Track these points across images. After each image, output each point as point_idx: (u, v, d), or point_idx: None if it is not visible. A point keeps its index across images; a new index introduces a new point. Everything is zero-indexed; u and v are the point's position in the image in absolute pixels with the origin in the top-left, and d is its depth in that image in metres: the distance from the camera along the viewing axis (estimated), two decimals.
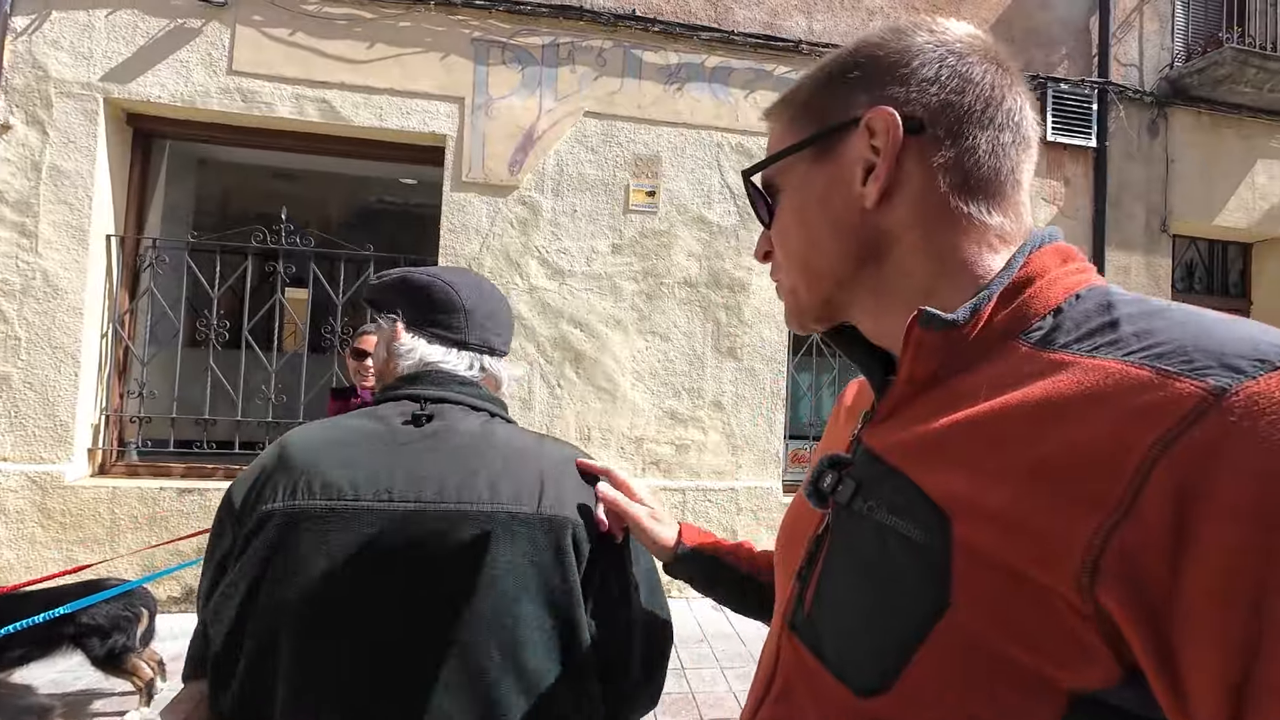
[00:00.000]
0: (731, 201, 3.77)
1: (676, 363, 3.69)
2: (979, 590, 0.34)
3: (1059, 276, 0.40)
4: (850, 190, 0.44)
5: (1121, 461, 0.30)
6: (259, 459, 0.70)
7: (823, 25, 3.91)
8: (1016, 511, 0.33)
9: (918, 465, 0.40)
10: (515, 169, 3.54)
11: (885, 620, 0.38)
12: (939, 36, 0.44)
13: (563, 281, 3.58)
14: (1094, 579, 0.29)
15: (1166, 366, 0.31)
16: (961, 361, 0.41)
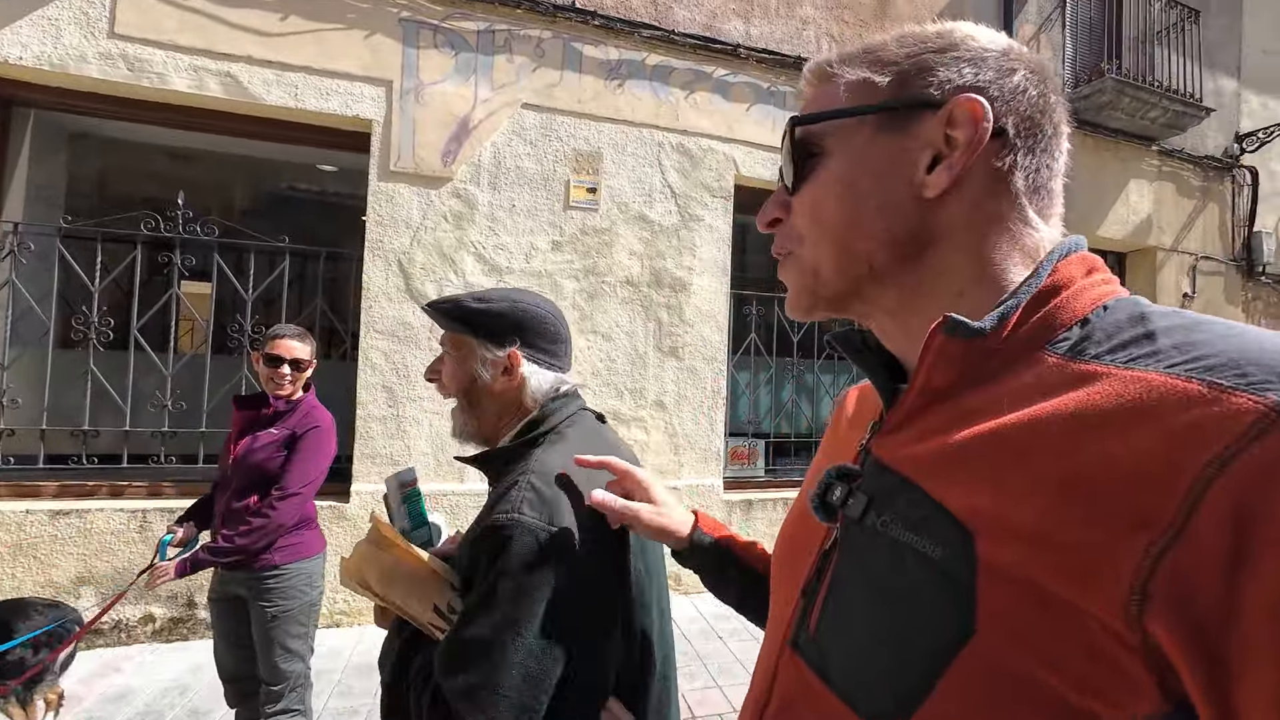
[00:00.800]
0: (673, 201, 3.77)
1: (619, 362, 3.65)
2: (1007, 613, 0.32)
3: (1086, 287, 0.39)
4: (913, 174, 0.41)
5: (1172, 480, 0.28)
6: (533, 490, 0.73)
7: (759, 31, 4.00)
8: (1047, 527, 0.31)
9: (935, 479, 0.38)
10: (449, 160, 3.36)
11: (903, 645, 0.36)
12: (1024, 52, 0.44)
13: (500, 278, 3.44)
14: (1143, 606, 0.28)
15: (1219, 380, 0.30)
16: (982, 372, 0.39)
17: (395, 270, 3.28)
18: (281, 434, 1.82)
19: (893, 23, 4.40)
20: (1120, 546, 0.29)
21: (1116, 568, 0.29)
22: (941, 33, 0.43)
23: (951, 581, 0.34)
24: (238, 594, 1.78)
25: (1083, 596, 0.30)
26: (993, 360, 0.39)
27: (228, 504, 1.78)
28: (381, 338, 3.25)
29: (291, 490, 1.76)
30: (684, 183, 3.80)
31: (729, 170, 3.90)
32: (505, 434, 0.90)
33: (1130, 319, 0.36)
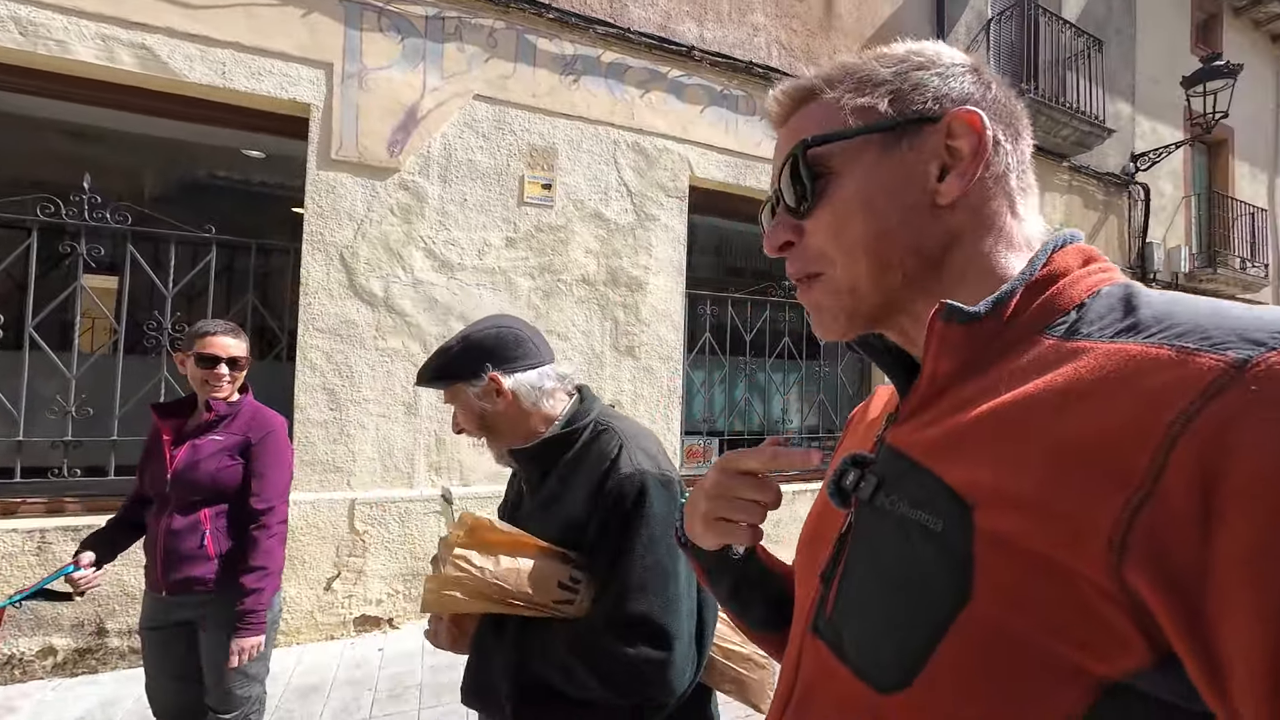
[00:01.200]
0: (629, 200, 3.76)
1: (575, 361, 3.59)
2: (1002, 578, 0.34)
3: (1082, 275, 0.41)
4: (925, 184, 0.44)
5: (1143, 439, 0.30)
6: (639, 450, 0.92)
7: (713, 34, 4.05)
8: (1039, 495, 0.33)
9: (940, 459, 0.40)
10: (396, 150, 3.20)
11: (907, 614, 0.38)
12: (987, 67, 0.48)
13: (452, 275, 3.31)
14: (1121, 558, 0.29)
15: (1186, 344, 0.32)
16: (985, 358, 0.41)
17: (337, 265, 3.09)
18: (230, 440, 1.65)
19: (838, 34, 4.58)
20: (1101, 506, 0.30)
21: (1097, 525, 0.30)
22: (917, 51, 0.46)
23: (951, 551, 0.36)
24: (186, 619, 1.61)
25: (1071, 556, 0.31)
26: (995, 346, 0.41)
27: (168, 523, 1.59)
28: (322, 336, 3.05)
29: (273, 502, 1.64)
30: (640, 182, 3.80)
31: (684, 171, 3.93)
32: (540, 438, 0.99)
33: (1120, 300, 0.38)
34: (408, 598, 3.12)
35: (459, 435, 1.02)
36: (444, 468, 3.27)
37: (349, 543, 3.03)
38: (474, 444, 1.02)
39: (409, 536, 3.14)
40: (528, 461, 0.97)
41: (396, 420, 3.17)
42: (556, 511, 0.91)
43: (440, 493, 1.11)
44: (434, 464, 3.25)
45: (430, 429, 3.24)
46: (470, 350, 0.96)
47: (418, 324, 3.23)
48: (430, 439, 3.24)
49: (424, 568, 3.15)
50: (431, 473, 3.24)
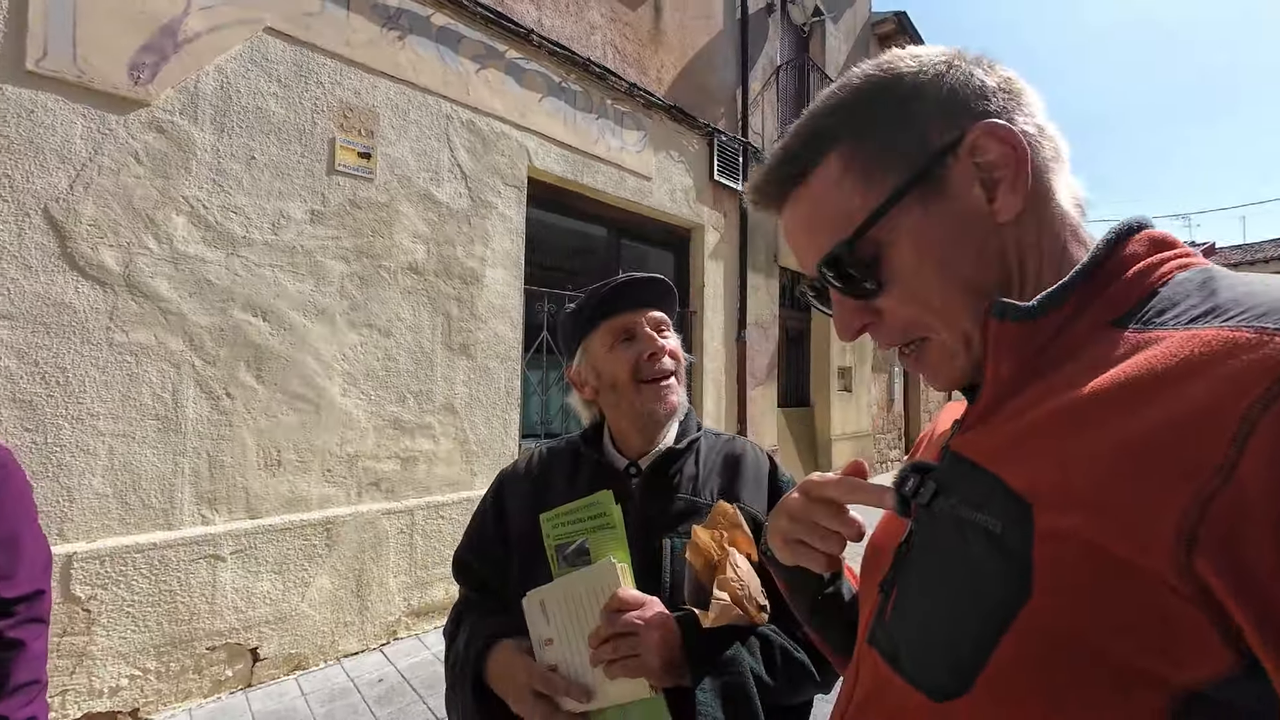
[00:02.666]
0: (463, 183, 3.41)
1: (401, 361, 3.12)
2: (1063, 577, 0.32)
3: (1155, 263, 0.39)
4: (980, 212, 0.41)
5: (1218, 426, 0.28)
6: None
7: (551, 22, 3.91)
8: (1103, 490, 0.31)
9: (1002, 461, 0.38)
10: (142, 76, 2.37)
11: (962, 618, 0.36)
12: (944, 57, 0.44)
13: (233, 251, 2.59)
14: (1191, 551, 0.27)
15: (1266, 324, 0.29)
16: (1051, 357, 0.39)
17: (38, 224, 2.16)
18: None
19: (665, 50, 4.82)
20: (1170, 496, 0.28)
21: (1167, 517, 0.28)
22: (882, 84, 0.44)
23: (1009, 551, 0.34)
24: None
25: (1137, 551, 0.29)
26: (1060, 344, 0.39)
27: None
28: (9, 325, 2.11)
29: (37, 583, 1.03)
30: (475, 165, 3.47)
31: (522, 159, 3.71)
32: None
33: (1198, 286, 0.36)
34: (164, 676, 2.34)
35: (249, 456, 0.77)
36: (222, 498, 2.53)
37: (61, 617, 2.15)
38: (276, 463, 0.76)
39: (165, 594, 2.36)
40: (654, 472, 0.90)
41: (145, 440, 2.35)
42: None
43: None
44: (206, 494, 2.49)
45: (201, 449, 2.48)
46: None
47: (180, 312, 2.44)
48: (201, 461, 2.48)
49: (189, 631, 2.40)
50: (202, 506, 2.49)
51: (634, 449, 0.90)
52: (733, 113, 5.57)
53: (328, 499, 2.84)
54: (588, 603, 0.73)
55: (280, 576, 2.66)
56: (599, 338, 0.89)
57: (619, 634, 0.69)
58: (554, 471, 0.93)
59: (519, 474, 0.95)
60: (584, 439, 0.94)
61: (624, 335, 0.88)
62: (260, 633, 2.60)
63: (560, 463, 0.94)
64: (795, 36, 6.91)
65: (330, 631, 2.81)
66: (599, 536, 0.78)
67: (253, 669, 2.57)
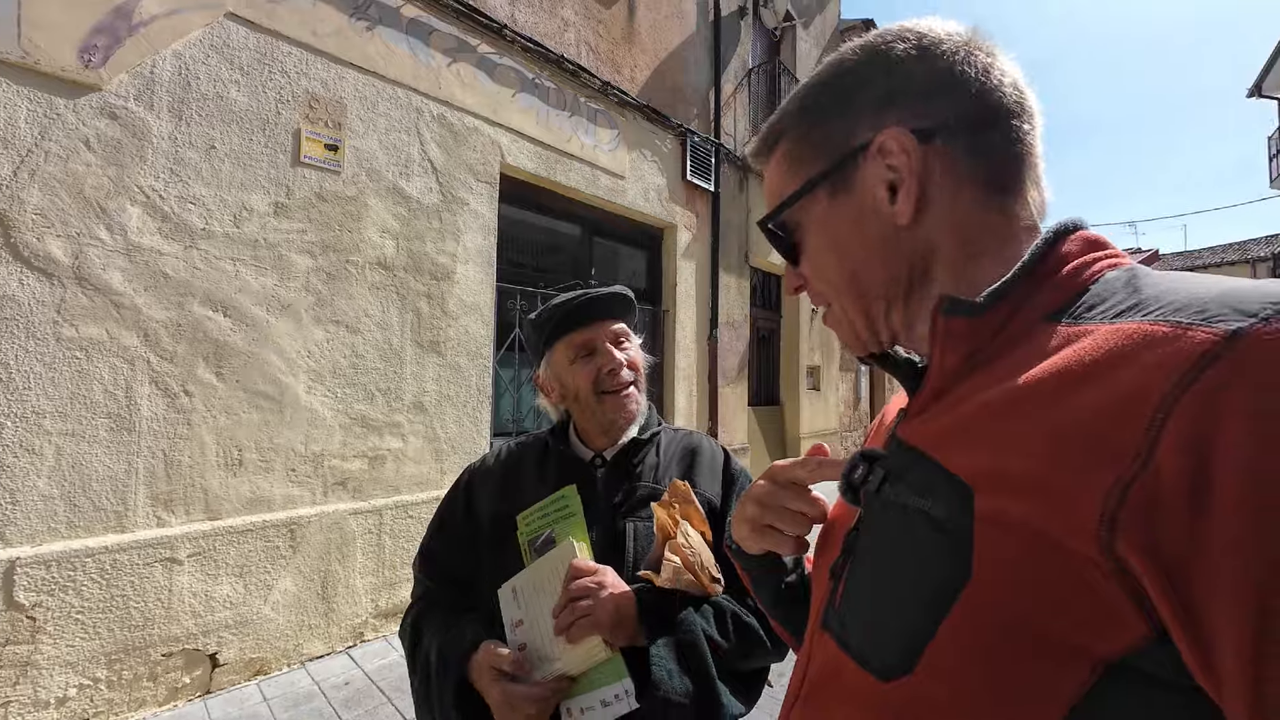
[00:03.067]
0: (434, 177, 3.36)
1: (368, 358, 3.06)
2: (1001, 558, 0.34)
3: (1087, 262, 0.41)
4: (881, 212, 0.44)
5: (1136, 414, 0.30)
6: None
7: (525, 18, 3.88)
8: (1037, 475, 0.33)
9: (945, 448, 0.40)
10: (94, 59, 2.27)
11: (908, 599, 0.38)
12: (920, 42, 0.44)
13: (191, 244, 2.50)
14: (1113, 532, 0.29)
15: (1181, 319, 0.32)
16: (993, 350, 0.41)
17: None
18: None
19: (638, 50, 4.84)
20: (1094, 481, 0.30)
21: (1090, 501, 0.30)
22: (825, 79, 0.47)
23: (951, 535, 0.36)
24: None
25: (1066, 532, 0.31)
26: (1001, 338, 0.41)
27: None
28: None
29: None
30: (447, 160, 3.42)
31: (495, 155, 3.68)
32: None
33: (1124, 284, 0.38)
34: (116, 685, 2.25)
35: (208, 456, 0.79)
36: (179, 500, 2.45)
37: (4, 626, 2.05)
38: (237, 463, 0.78)
39: (118, 600, 2.26)
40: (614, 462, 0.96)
41: (96, 440, 2.26)
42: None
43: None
44: (162, 496, 2.41)
45: (157, 448, 2.39)
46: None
47: (135, 306, 2.35)
48: (157, 461, 2.39)
49: (143, 638, 2.31)
50: (157, 508, 2.40)
51: (598, 444, 0.95)
52: (705, 114, 5.63)
53: (292, 499, 2.77)
54: (551, 581, 0.79)
55: (241, 579, 2.59)
56: (561, 350, 0.93)
57: (574, 597, 0.74)
58: (524, 464, 0.97)
59: (487, 466, 0.99)
60: (552, 434, 0.98)
61: (584, 350, 0.92)
62: (220, 637, 2.52)
63: (530, 456, 0.98)
64: (767, 40, 7.01)
65: (294, 634, 2.74)
66: (563, 525, 0.84)
67: (211, 675, 2.50)
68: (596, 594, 0.74)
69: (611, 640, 0.73)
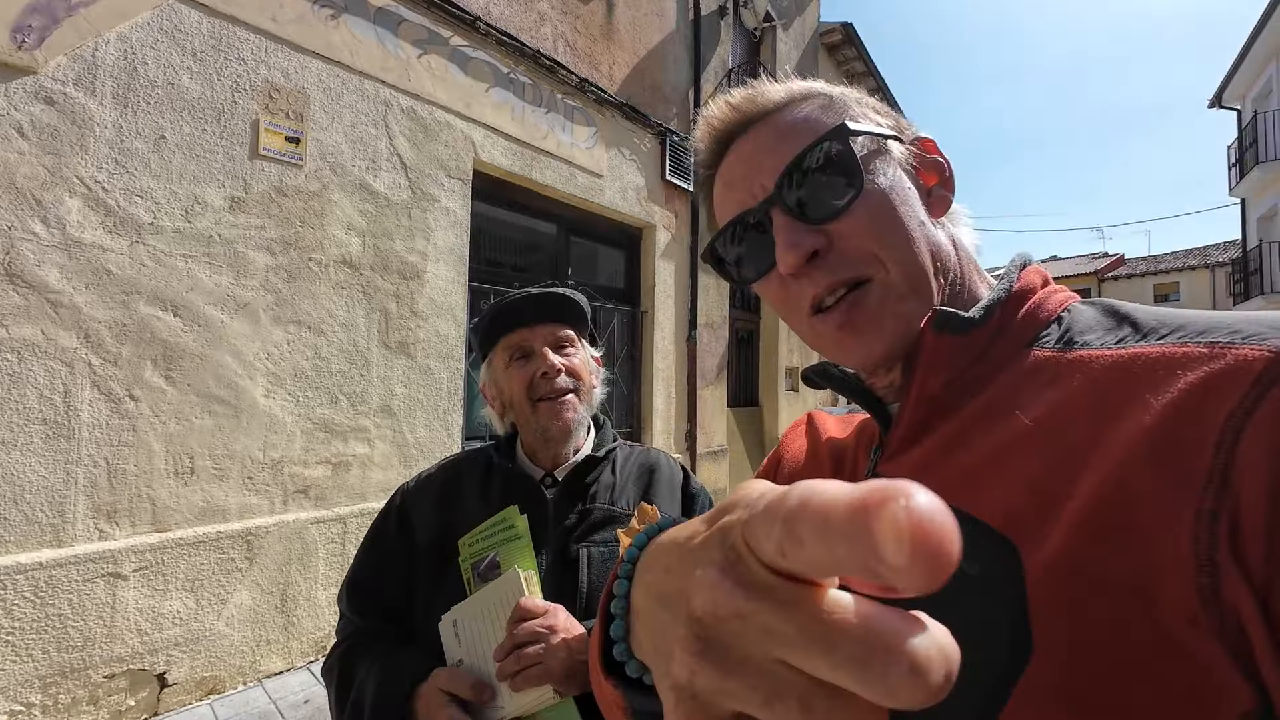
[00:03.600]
0: (403, 173, 3.24)
1: (333, 360, 2.94)
2: (1067, 625, 0.29)
3: (1050, 293, 0.43)
4: (920, 200, 0.45)
5: (1202, 436, 0.27)
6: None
7: (500, 11, 3.78)
8: (1097, 517, 0.29)
9: (967, 493, 0.35)
10: (28, 40, 2.12)
11: (962, 681, 0.33)
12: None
13: (138, 239, 2.35)
14: (1217, 579, 0.26)
15: (1216, 339, 0.30)
16: (977, 375, 0.39)
17: None
18: None
19: (616, 47, 4.76)
20: (1171, 516, 0.27)
21: (1175, 540, 0.27)
22: (859, 94, 0.50)
23: (997, 601, 0.31)
24: None
25: (1148, 582, 0.27)
26: (986, 361, 0.40)
27: None
28: None
29: None
30: (416, 155, 3.30)
31: (467, 151, 3.57)
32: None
33: (1105, 312, 0.39)
34: (52, 710, 2.11)
35: (156, 464, 0.71)
36: (123, 511, 2.30)
37: None
38: (188, 471, 0.69)
39: (54, 619, 2.12)
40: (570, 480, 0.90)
41: (30, 448, 2.10)
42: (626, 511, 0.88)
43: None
44: (104, 507, 2.26)
45: (99, 456, 2.24)
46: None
47: (75, 305, 2.20)
48: (99, 470, 2.24)
49: (82, 659, 2.17)
50: (99, 520, 2.25)
51: (545, 460, 0.89)
52: (685, 113, 5.58)
53: (248, 508, 2.63)
54: (496, 616, 0.72)
55: (192, 594, 2.45)
56: (498, 354, 0.88)
57: (521, 643, 0.67)
58: (464, 482, 0.89)
59: (421, 485, 0.91)
60: (497, 449, 0.91)
61: (519, 353, 0.87)
62: (169, 656, 2.38)
63: (472, 473, 0.90)
64: (747, 40, 6.99)
65: (250, 651, 2.61)
66: (508, 548, 0.78)
67: (160, 696, 2.36)
68: (548, 639, 0.66)
69: (563, 690, 0.66)
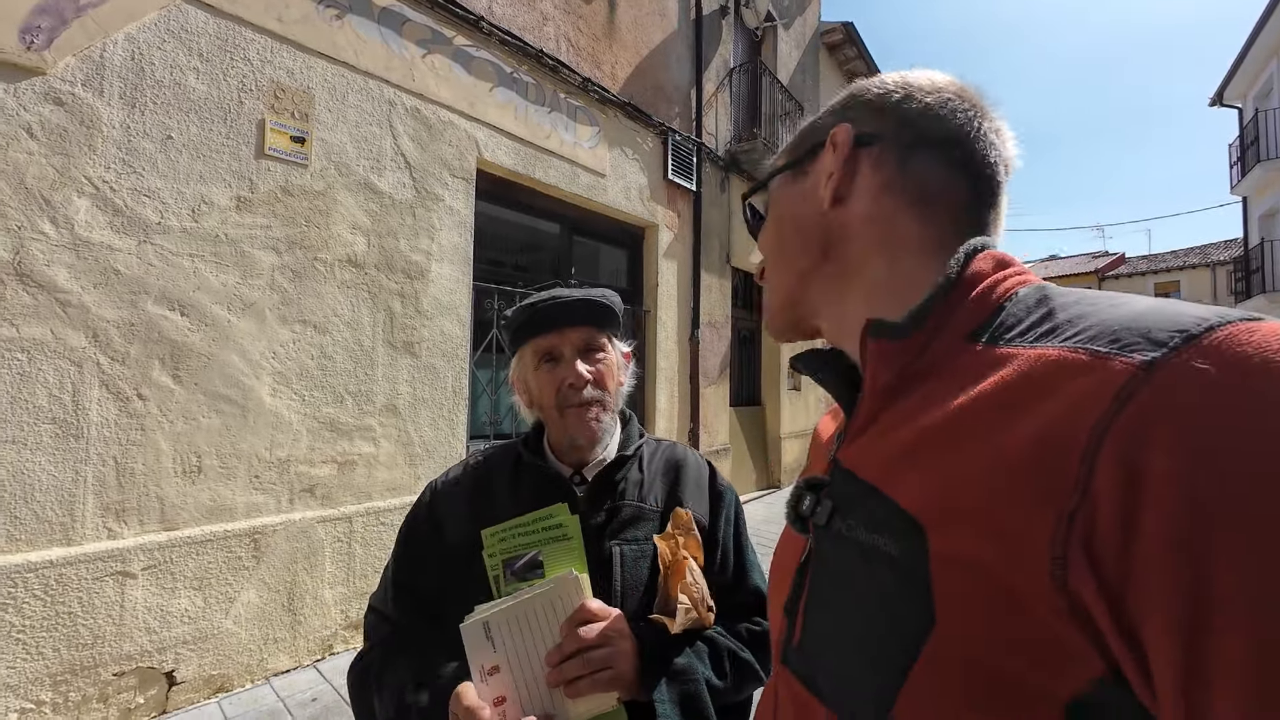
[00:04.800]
0: (407, 173, 3.25)
1: (338, 360, 2.95)
2: (962, 600, 0.33)
3: (998, 279, 0.42)
4: (815, 196, 0.50)
5: (1070, 445, 0.30)
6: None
7: (503, 11, 3.79)
8: (984, 510, 0.33)
9: (890, 477, 0.40)
10: (36, 41, 2.13)
11: (875, 644, 0.37)
12: (907, 78, 0.49)
13: (146, 239, 2.36)
14: (1065, 568, 0.29)
15: (1097, 348, 0.32)
16: (921, 367, 0.41)
17: None
18: None
19: (619, 46, 4.77)
20: (1040, 514, 0.30)
21: (1039, 534, 0.30)
22: (857, 90, 0.52)
23: (910, 576, 0.35)
24: None
25: (1019, 570, 0.31)
26: (926, 356, 0.41)
27: None
28: None
29: None
30: (421, 155, 3.31)
31: (471, 150, 3.58)
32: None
33: (1036, 303, 0.39)
34: (62, 708, 2.12)
35: (164, 463, 0.70)
36: (131, 509, 2.31)
37: None
38: (196, 470, 0.68)
39: (64, 617, 2.13)
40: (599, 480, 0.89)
41: (40, 447, 2.11)
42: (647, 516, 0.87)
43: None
44: (113, 506, 2.27)
45: (107, 455, 2.25)
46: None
47: (83, 305, 2.21)
48: (108, 469, 2.25)
49: (92, 657, 2.18)
50: (108, 519, 2.26)
51: (572, 460, 0.88)
52: (687, 113, 5.58)
53: (255, 507, 2.64)
54: (545, 620, 0.69)
55: (200, 592, 2.46)
56: (528, 354, 0.88)
57: (586, 647, 0.66)
58: (494, 479, 0.88)
59: (452, 481, 0.90)
60: (524, 444, 0.90)
61: (548, 356, 0.86)
62: (177, 654, 2.39)
63: (501, 470, 0.89)
64: (748, 40, 7.00)
65: (258, 649, 2.62)
66: (554, 549, 0.75)
67: (168, 694, 2.37)
68: (618, 642, 0.66)
69: (624, 695, 0.66)
